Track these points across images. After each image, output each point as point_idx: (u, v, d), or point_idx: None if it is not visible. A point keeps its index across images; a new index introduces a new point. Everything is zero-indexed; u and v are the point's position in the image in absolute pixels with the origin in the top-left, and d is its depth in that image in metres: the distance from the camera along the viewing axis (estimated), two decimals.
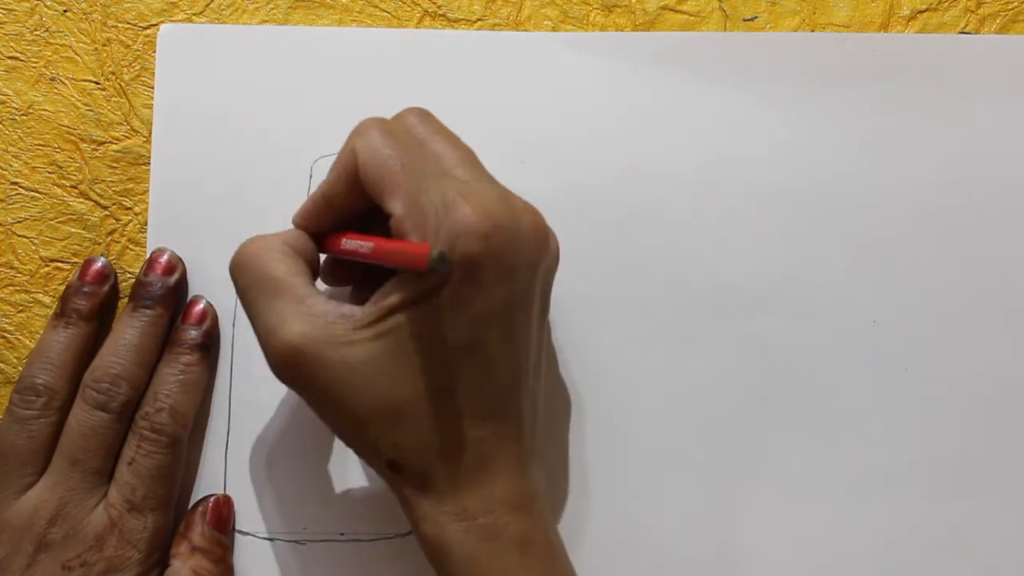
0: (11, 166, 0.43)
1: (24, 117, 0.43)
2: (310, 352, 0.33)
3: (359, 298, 0.35)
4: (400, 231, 0.33)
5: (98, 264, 0.41)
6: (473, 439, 0.34)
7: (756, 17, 0.44)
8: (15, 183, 0.43)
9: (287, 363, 0.34)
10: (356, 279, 0.39)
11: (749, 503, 0.41)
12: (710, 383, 0.42)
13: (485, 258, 0.33)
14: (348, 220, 0.37)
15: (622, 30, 0.44)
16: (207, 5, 0.44)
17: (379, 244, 0.34)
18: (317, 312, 0.34)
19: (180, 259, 0.42)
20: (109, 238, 0.43)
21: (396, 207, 0.34)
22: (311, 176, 0.42)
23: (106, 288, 0.41)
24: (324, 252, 0.37)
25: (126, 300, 0.41)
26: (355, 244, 0.35)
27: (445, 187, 0.33)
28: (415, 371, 0.34)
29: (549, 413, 0.41)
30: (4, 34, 0.43)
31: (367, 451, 0.35)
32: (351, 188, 0.35)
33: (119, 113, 0.43)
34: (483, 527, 0.34)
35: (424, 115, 0.36)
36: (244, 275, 0.35)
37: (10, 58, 0.43)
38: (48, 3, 0.44)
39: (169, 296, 0.41)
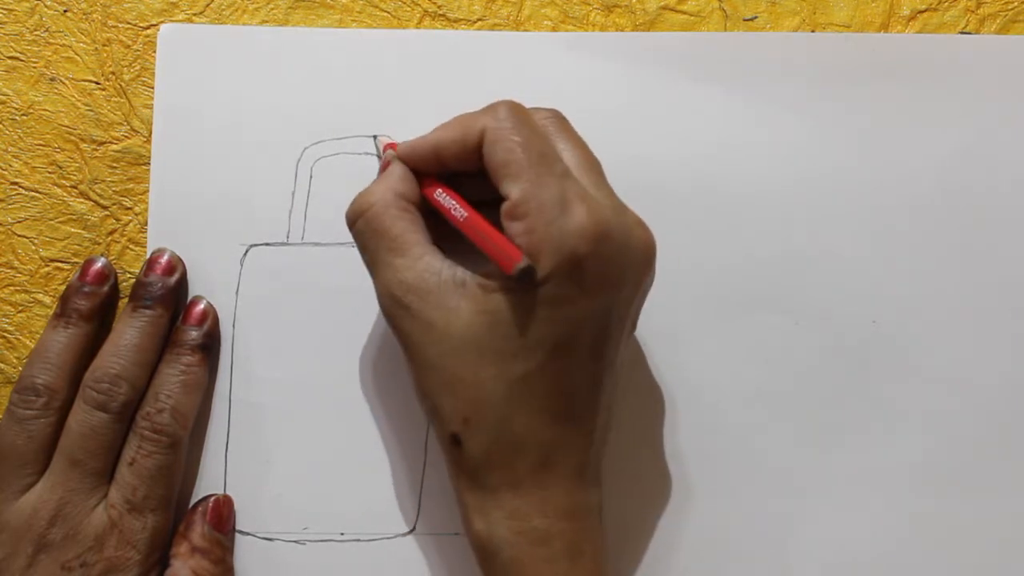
0: (11, 166, 0.43)
1: (24, 117, 0.43)
2: (417, 307, 0.35)
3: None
4: (511, 215, 0.34)
5: (98, 264, 0.41)
6: (541, 439, 0.35)
7: (756, 17, 0.44)
8: (15, 183, 0.43)
9: (396, 310, 0.35)
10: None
11: (747, 503, 0.41)
12: (707, 382, 0.42)
13: (592, 263, 0.33)
14: (449, 171, 0.37)
15: (622, 30, 0.44)
16: (207, 5, 0.44)
17: (474, 220, 0.35)
18: (431, 270, 0.35)
19: (180, 259, 0.42)
20: (109, 238, 0.43)
21: (513, 192, 0.34)
22: (311, 176, 0.42)
23: (106, 288, 0.41)
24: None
25: (126, 300, 0.41)
26: (449, 203, 0.36)
27: (566, 187, 0.34)
28: (504, 355, 0.34)
29: None
30: (4, 34, 0.43)
31: (436, 417, 0.36)
32: (464, 154, 0.36)
33: (119, 113, 0.43)
34: (535, 531, 0.34)
35: (558, 116, 0.37)
36: (365, 229, 0.36)
37: (10, 58, 0.43)
38: (48, 3, 0.44)
39: (169, 296, 0.41)
